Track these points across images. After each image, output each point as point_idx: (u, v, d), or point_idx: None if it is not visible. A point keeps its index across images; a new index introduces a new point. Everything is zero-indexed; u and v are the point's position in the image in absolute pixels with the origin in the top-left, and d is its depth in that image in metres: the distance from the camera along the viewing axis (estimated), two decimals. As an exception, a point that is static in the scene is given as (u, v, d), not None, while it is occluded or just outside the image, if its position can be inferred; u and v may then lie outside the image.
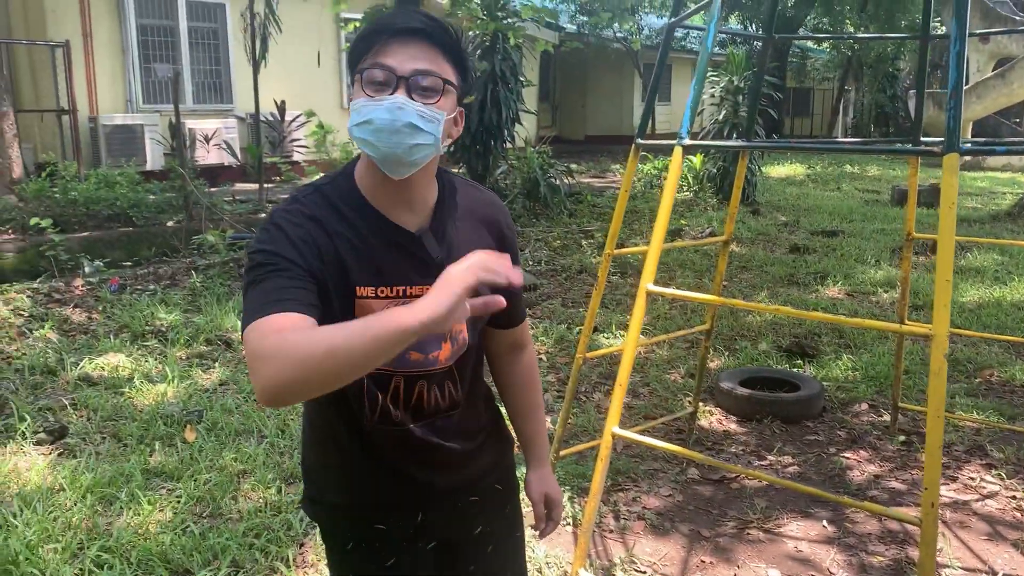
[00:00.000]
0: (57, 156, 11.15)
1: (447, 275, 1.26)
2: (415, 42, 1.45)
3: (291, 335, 1.26)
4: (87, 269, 7.26)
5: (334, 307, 1.46)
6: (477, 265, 1.27)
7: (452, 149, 11.96)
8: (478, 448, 1.75)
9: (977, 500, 3.74)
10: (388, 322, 1.22)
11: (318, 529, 3.29)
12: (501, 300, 1.31)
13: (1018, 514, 3.61)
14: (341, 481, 1.69)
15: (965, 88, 15.70)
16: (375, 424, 1.60)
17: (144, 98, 12.56)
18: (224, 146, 12.62)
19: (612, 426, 2.60)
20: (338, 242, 1.48)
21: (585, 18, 20.63)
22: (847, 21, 22.53)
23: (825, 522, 3.54)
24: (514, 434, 1.90)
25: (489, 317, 1.66)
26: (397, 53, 1.44)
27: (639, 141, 3.41)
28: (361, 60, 1.47)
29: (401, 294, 1.52)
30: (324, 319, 1.37)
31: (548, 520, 1.88)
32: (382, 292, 1.50)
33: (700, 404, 4.48)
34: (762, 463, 4.12)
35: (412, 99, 1.43)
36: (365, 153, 1.49)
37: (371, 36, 1.47)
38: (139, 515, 3.37)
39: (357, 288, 1.48)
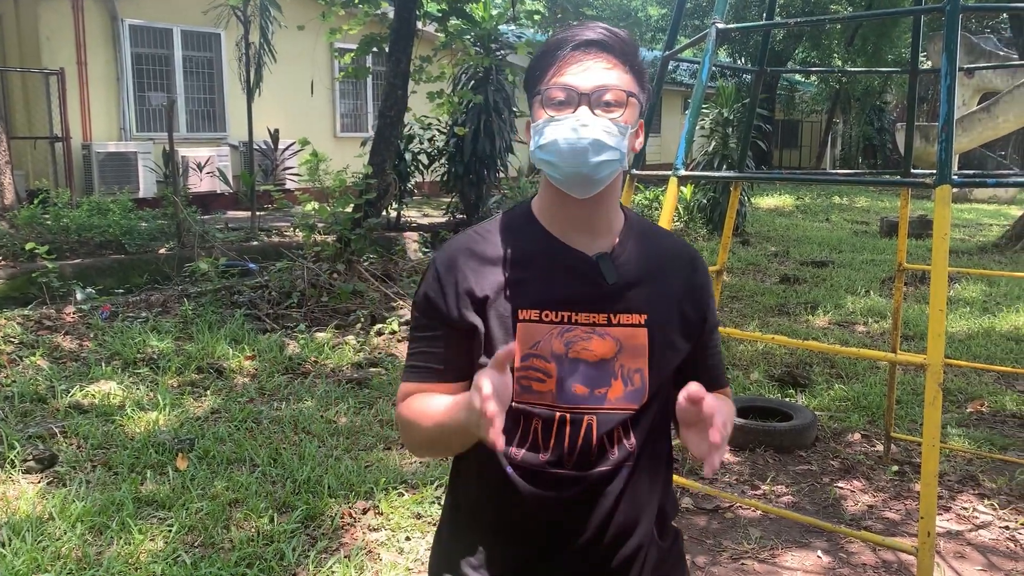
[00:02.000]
0: (50, 183, 11.16)
1: (472, 393, 1.22)
2: (594, 55, 1.38)
3: (404, 414, 1.46)
4: (79, 296, 7.23)
5: (494, 333, 1.40)
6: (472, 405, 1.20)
7: (447, 179, 12.03)
8: (640, 546, 1.48)
9: (971, 530, 3.74)
10: (438, 416, 1.36)
11: (311, 556, 3.28)
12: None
13: (1011, 544, 3.61)
14: (471, 542, 1.50)
15: (951, 121, 15.88)
16: (522, 460, 1.43)
17: (138, 126, 12.63)
18: (217, 174, 12.67)
19: (608, 455, 2.60)
20: (503, 266, 1.43)
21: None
22: (834, 55, 22.86)
23: (820, 552, 3.53)
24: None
25: (676, 374, 1.48)
26: (577, 69, 1.38)
27: (634, 172, 3.44)
28: (539, 80, 1.41)
29: (566, 320, 1.41)
30: (483, 347, 1.41)
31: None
32: (547, 316, 1.41)
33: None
34: (756, 492, 4.11)
35: (596, 115, 1.37)
36: (546, 175, 1.43)
37: (549, 54, 1.41)
38: (130, 545, 3.34)
39: (519, 311, 1.41)
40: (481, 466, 1.46)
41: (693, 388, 1.25)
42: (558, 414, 1.40)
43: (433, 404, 1.40)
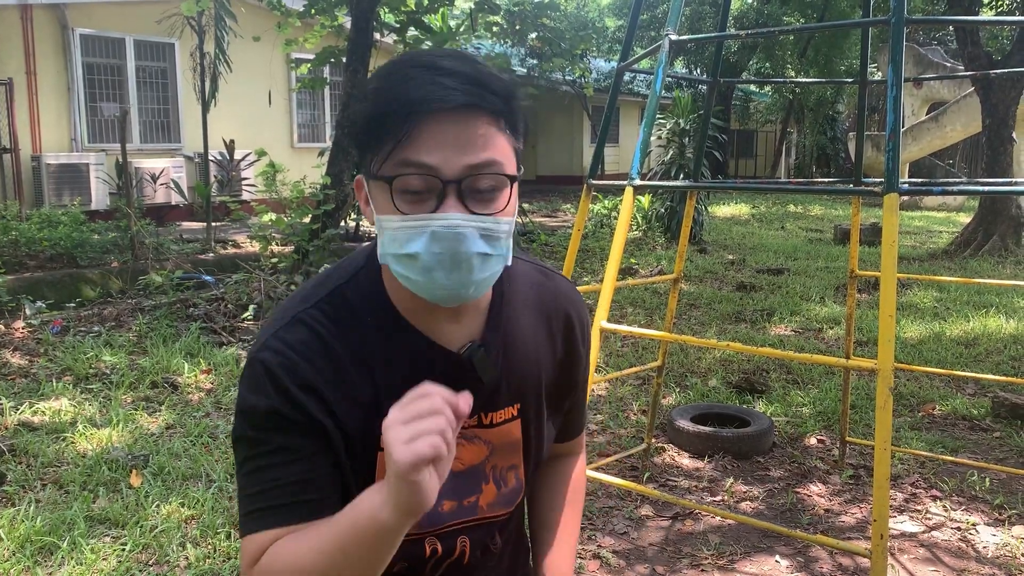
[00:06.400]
0: (-3, 195, 10.91)
1: (389, 458, 0.91)
2: (460, 120, 0.99)
3: (277, 568, 1.03)
4: (28, 311, 7.07)
5: (356, 465, 1.10)
6: (408, 435, 0.88)
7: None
8: None
9: (924, 532, 3.81)
10: (362, 526, 0.95)
11: None
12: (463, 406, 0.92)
13: (963, 545, 3.69)
14: None
15: (901, 131, 16.30)
16: None
17: (90, 137, 12.40)
18: (172, 185, 12.49)
19: (568, 464, 2.60)
20: (357, 373, 1.10)
21: (535, 61, 21.01)
22: (788, 66, 23.28)
23: (779, 557, 3.57)
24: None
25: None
26: (437, 143, 0.98)
27: (591, 181, 3.47)
28: (378, 149, 1.02)
29: None
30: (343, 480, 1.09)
31: None
32: None
33: (653, 440, 4.50)
34: (715, 499, 4.15)
35: (470, 211, 1.00)
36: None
37: (390, 118, 0.99)
38: (81, 564, 3.26)
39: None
40: None
41: None
42: (428, 545, 1.15)
43: (321, 528, 1.02)
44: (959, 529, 3.83)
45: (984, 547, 3.66)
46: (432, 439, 0.87)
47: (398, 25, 9.44)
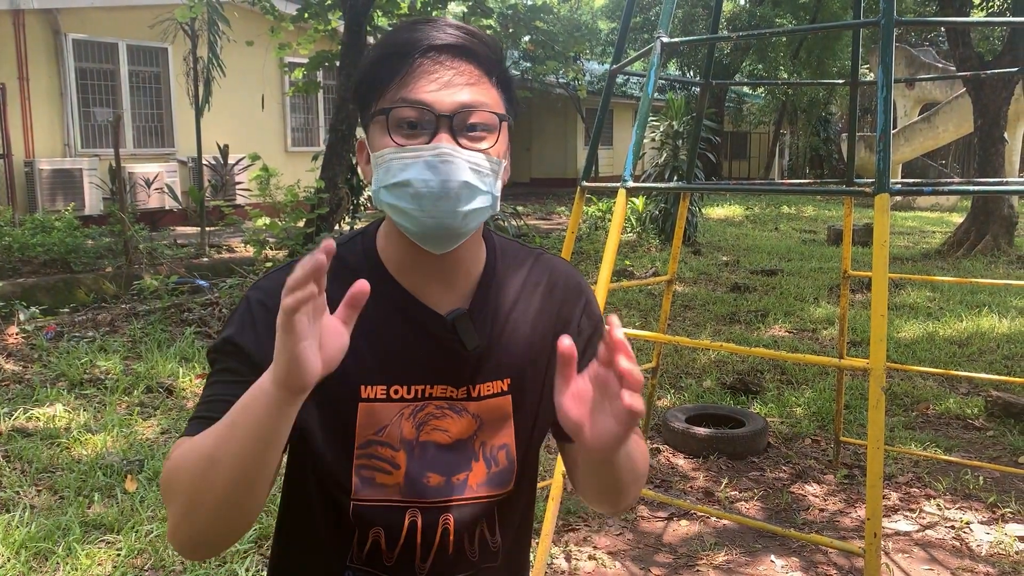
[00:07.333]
0: (-10, 201, 10.90)
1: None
2: (454, 64, 1.08)
3: (174, 459, 1.04)
4: (22, 316, 7.05)
5: (331, 417, 1.13)
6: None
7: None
8: None
9: (918, 531, 3.83)
10: (247, 399, 0.95)
11: (265, 579, 3.23)
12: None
13: (957, 543, 3.70)
14: None
15: (893, 132, 16.39)
16: (361, 566, 1.17)
17: (83, 142, 12.39)
18: (166, 190, 12.49)
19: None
20: None
21: (528, 64, 21.04)
22: (780, 67, 23.35)
23: (774, 556, 3.58)
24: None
25: (557, 430, 1.22)
26: (431, 81, 1.06)
27: (584, 184, 3.48)
28: (378, 94, 1.09)
29: (420, 395, 1.15)
30: (318, 434, 1.12)
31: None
32: (396, 392, 1.14)
33: (648, 441, 4.51)
34: (710, 499, 4.16)
35: (460, 145, 1.06)
36: (394, 222, 1.12)
37: (389, 60, 1.08)
38: (77, 570, 3.25)
39: (361, 388, 1.13)
40: (309, 572, 1.20)
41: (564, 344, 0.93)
42: (408, 516, 1.14)
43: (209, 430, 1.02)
44: (953, 527, 3.85)
45: (978, 545, 3.68)
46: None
47: (391, 28, 9.46)
